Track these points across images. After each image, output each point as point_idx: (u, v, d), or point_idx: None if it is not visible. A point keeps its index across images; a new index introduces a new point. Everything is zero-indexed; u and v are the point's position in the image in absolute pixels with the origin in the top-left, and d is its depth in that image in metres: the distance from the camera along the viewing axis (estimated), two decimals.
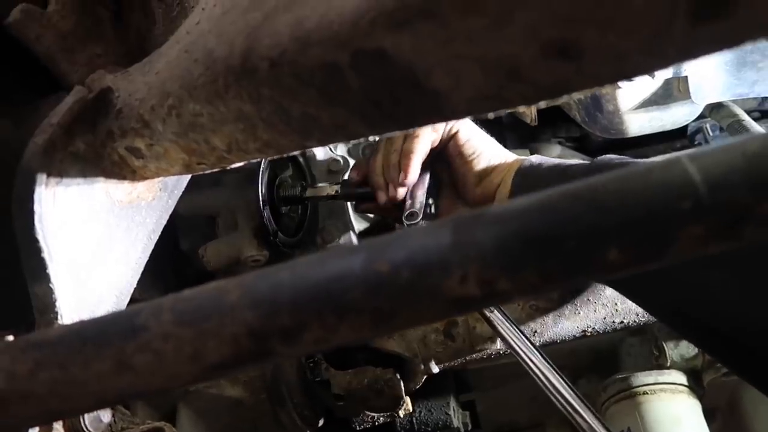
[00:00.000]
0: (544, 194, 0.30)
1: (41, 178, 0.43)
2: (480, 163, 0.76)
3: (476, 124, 0.81)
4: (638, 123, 0.87)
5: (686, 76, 0.80)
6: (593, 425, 0.56)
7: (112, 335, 0.32)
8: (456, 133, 0.77)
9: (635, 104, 0.85)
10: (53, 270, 0.44)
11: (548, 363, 0.62)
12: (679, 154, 0.29)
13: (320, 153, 0.97)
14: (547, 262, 0.29)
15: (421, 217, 0.73)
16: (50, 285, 0.43)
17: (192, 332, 0.31)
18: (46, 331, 0.33)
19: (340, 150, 1.03)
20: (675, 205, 0.28)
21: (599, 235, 0.28)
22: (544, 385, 0.61)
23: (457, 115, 0.33)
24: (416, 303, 0.30)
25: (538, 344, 0.80)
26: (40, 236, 0.42)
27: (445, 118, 0.33)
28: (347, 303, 0.30)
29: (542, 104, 0.30)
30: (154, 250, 0.58)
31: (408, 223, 0.73)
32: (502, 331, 0.66)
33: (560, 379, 0.61)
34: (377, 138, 0.97)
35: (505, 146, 1.23)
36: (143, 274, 0.57)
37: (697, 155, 0.29)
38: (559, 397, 0.61)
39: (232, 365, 0.32)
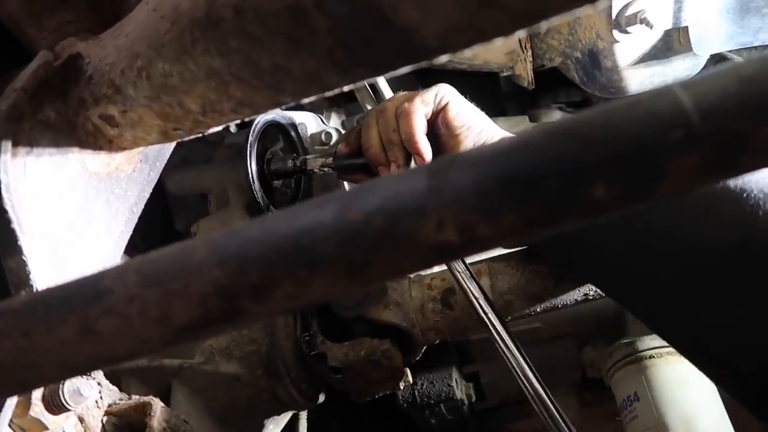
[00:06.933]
0: (524, 134, 0.28)
1: (6, 145, 0.41)
2: (468, 137, 0.73)
3: (474, 98, 0.78)
4: (638, 79, 0.84)
5: (687, 27, 0.76)
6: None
7: (76, 300, 0.31)
8: (446, 105, 0.73)
9: (634, 59, 0.82)
10: (26, 242, 0.42)
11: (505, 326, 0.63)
12: (670, 84, 0.27)
13: (312, 126, 0.95)
14: (528, 203, 0.27)
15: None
16: (23, 258, 0.42)
17: (158, 293, 0.30)
18: (11, 300, 0.32)
19: (333, 122, 1.01)
20: (665, 135, 0.26)
21: (583, 172, 0.26)
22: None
23: (431, 54, 0.30)
24: (392, 252, 0.28)
25: (539, 310, 0.78)
26: (8, 206, 0.40)
27: (418, 57, 0.31)
28: (319, 256, 0.28)
29: (520, 34, 0.27)
30: (149, 232, 0.56)
31: None
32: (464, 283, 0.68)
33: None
34: (369, 108, 0.94)
35: (505, 115, 1.21)
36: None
37: (689, 83, 0.27)
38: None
39: (202, 326, 0.30)
